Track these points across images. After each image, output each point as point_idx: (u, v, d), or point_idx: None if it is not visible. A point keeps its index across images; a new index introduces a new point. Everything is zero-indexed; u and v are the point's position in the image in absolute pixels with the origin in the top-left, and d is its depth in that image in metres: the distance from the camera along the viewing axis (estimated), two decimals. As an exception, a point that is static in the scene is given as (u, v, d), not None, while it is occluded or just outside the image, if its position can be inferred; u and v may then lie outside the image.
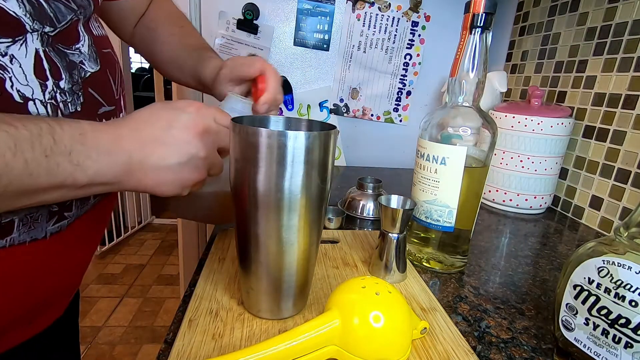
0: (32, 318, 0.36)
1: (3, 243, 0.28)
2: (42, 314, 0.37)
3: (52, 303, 0.38)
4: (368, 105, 1.03)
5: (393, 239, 0.42)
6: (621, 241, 0.28)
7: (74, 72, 0.31)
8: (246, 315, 0.35)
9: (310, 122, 0.36)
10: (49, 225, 0.31)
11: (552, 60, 0.79)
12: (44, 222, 0.30)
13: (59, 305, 0.40)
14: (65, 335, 0.47)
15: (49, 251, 0.32)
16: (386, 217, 0.42)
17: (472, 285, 0.45)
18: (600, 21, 0.67)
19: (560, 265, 0.52)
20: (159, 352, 0.31)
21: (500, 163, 0.73)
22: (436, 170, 0.44)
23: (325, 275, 0.43)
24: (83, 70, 0.32)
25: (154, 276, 1.98)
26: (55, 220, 0.31)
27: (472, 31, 0.41)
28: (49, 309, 0.38)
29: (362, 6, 0.94)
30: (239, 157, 0.30)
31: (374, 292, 0.30)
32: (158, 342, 1.52)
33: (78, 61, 0.32)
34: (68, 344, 0.48)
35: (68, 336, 0.48)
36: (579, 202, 0.71)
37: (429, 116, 0.46)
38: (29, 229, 0.29)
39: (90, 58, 0.34)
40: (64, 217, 0.32)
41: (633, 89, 0.61)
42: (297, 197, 0.30)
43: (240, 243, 0.33)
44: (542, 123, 0.67)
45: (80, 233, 0.35)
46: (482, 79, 0.42)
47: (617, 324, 0.27)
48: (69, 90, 0.31)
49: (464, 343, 0.33)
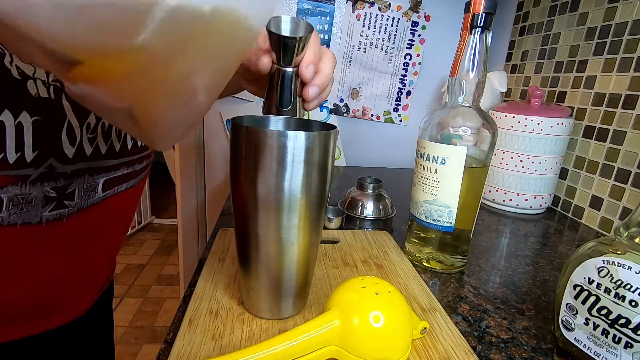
0: (47, 309, 0.35)
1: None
2: (57, 306, 0.36)
3: (66, 297, 0.37)
4: (368, 105, 1.03)
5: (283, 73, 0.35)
6: (621, 241, 0.28)
7: None
8: (246, 315, 0.35)
9: (310, 122, 0.36)
10: (44, 211, 0.30)
11: (552, 60, 0.79)
12: (39, 206, 0.30)
13: (76, 300, 0.39)
14: (95, 332, 0.47)
15: (46, 238, 0.31)
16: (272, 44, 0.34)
17: (472, 285, 0.45)
18: (600, 21, 0.67)
19: (560, 265, 0.52)
20: (159, 352, 0.31)
21: (500, 163, 0.73)
22: (436, 170, 0.44)
23: (325, 275, 0.43)
24: None
25: (154, 276, 1.98)
26: (52, 206, 0.30)
27: (472, 31, 0.41)
28: (66, 303, 0.37)
29: (362, 6, 0.94)
30: (239, 157, 0.30)
31: (374, 292, 0.30)
32: (158, 342, 1.52)
33: None
34: (99, 341, 0.48)
35: (98, 333, 0.48)
36: (579, 202, 0.71)
37: (429, 116, 0.46)
38: (20, 210, 0.28)
39: None
40: (64, 205, 0.31)
41: (633, 89, 0.61)
42: (297, 197, 0.30)
43: (240, 243, 0.33)
44: (542, 123, 0.67)
45: (87, 227, 0.34)
46: (482, 79, 0.42)
47: (617, 324, 0.27)
48: None
49: (464, 343, 0.33)
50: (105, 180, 0.35)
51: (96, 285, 0.42)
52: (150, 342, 1.52)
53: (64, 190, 0.31)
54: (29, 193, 0.28)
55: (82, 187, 0.32)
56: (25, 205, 0.29)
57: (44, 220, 0.30)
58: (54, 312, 0.37)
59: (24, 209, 0.29)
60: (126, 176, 0.37)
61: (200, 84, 0.22)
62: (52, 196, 0.30)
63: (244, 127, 0.29)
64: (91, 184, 0.33)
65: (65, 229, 0.32)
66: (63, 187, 0.30)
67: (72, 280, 0.36)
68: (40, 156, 0.28)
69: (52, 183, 0.30)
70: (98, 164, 0.33)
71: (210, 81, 0.23)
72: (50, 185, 0.30)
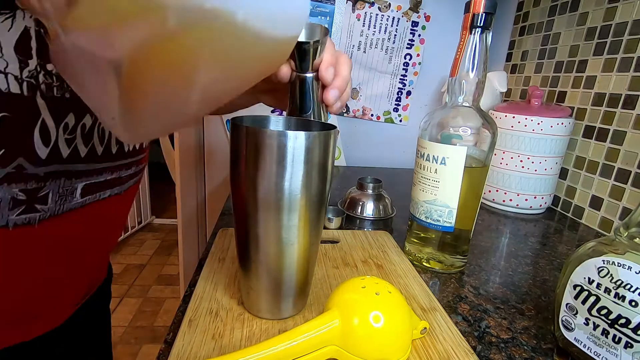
0: (21, 318, 0.33)
1: None
2: (33, 316, 0.34)
3: (41, 307, 0.35)
4: (368, 105, 1.03)
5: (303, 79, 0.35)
6: (621, 241, 0.28)
7: None
8: (246, 315, 0.35)
9: (310, 122, 0.36)
10: (12, 214, 0.28)
11: (552, 60, 0.79)
12: (6, 209, 0.27)
13: (54, 310, 0.37)
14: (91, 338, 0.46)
15: (15, 243, 0.29)
16: None
17: (472, 285, 0.45)
18: (600, 21, 0.67)
19: (560, 265, 0.52)
20: (159, 352, 0.31)
21: (500, 163, 0.73)
22: (436, 170, 0.44)
23: (325, 275, 0.43)
24: None
25: (154, 276, 1.98)
26: (21, 210, 0.28)
27: (472, 31, 0.41)
28: (42, 312, 0.35)
29: (362, 6, 0.94)
30: (239, 157, 0.30)
31: (374, 292, 0.30)
32: (158, 342, 1.52)
33: None
34: (92, 348, 0.47)
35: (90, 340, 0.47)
36: (579, 202, 0.71)
37: (429, 116, 0.46)
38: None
39: None
40: (35, 210, 0.29)
41: (633, 89, 0.61)
42: (297, 197, 0.30)
43: (240, 243, 0.33)
44: (542, 123, 0.67)
45: (65, 233, 0.32)
46: (482, 79, 0.42)
47: (617, 324, 0.27)
48: (58, 75, 0.28)
49: (464, 343, 0.33)
50: (85, 185, 0.32)
51: (76, 294, 0.39)
52: (150, 342, 1.52)
53: (36, 194, 0.29)
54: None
55: (56, 191, 0.30)
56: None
57: (10, 224, 0.28)
58: (29, 322, 0.35)
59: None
60: (110, 182, 0.35)
61: (202, 79, 0.21)
62: (21, 199, 0.28)
63: (244, 127, 0.29)
64: (68, 189, 0.31)
65: (38, 234, 0.30)
66: (34, 190, 0.28)
67: (48, 289, 0.34)
68: (8, 155, 0.26)
69: (22, 185, 0.28)
70: (76, 167, 0.31)
71: (212, 84, 0.22)
72: (19, 187, 0.28)
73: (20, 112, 0.26)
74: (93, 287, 0.44)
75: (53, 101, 0.28)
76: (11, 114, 0.26)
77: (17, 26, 0.25)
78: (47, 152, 0.28)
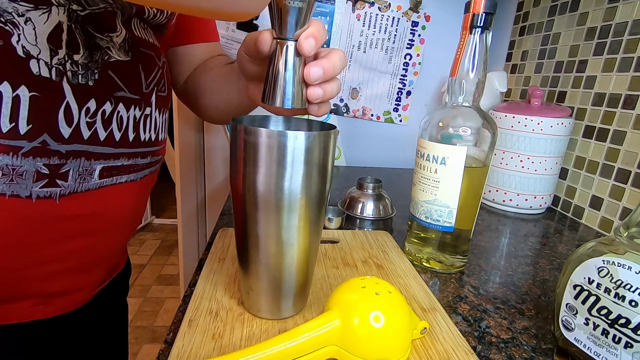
0: (40, 293, 0.36)
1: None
2: (55, 292, 0.37)
3: (63, 284, 0.37)
4: (368, 105, 1.03)
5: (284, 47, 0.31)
6: (621, 241, 0.28)
7: (95, 53, 0.32)
8: (246, 315, 0.35)
9: (310, 122, 0.36)
10: (35, 187, 0.30)
11: (552, 60, 0.79)
12: (30, 180, 0.30)
13: (77, 288, 0.39)
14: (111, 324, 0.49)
15: (36, 216, 0.31)
16: None
17: (472, 285, 0.45)
18: (600, 21, 0.67)
19: (560, 265, 0.52)
20: (159, 352, 0.31)
21: (500, 163, 0.73)
22: (436, 170, 0.44)
23: (325, 275, 0.43)
24: (107, 55, 0.33)
25: (154, 276, 1.99)
26: (44, 183, 0.31)
27: (472, 31, 0.41)
28: (64, 290, 0.38)
29: (362, 6, 0.94)
30: (239, 157, 0.30)
31: (374, 292, 0.30)
32: (158, 342, 1.52)
33: (105, 46, 0.33)
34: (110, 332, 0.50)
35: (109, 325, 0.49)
36: (579, 202, 0.71)
37: (429, 116, 0.46)
38: (10, 181, 0.29)
39: (120, 48, 0.34)
40: (56, 184, 0.31)
41: (633, 89, 0.61)
42: (297, 197, 0.30)
43: (240, 243, 0.33)
44: (542, 123, 0.67)
45: (83, 213, 0.34)
46: (482, 79, 0.42)
47: (617, 324, 0.27)
48: (83, 65, 0.31)
49: (464, 343, 0.33)
50: (103, 167, 0.34)
51: (97, 276, 0.42)
52: (150, 342, 1.52)
53: (58, 169, 0.31)
54: (20, 165, 0.29)
55: (77, 170, 0.32)
56: (16, 177, 0.29)
57: (34, 195, 0.30)
58: (53, 298, 0.37)
59: (13, 180, 0.29)
60: (127, 168, 0.37)
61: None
62: (45, 173, 0.30)
63: (243, 127, 0.29)
64: (87, 168, 0.33)
65: (58, 210, 0.32)
66: (57, 165, 0.31)
67: (67, 267, 0.36)
68: (35, 131, 0.29)
69: (45, 159, 0.30)
70: (95, 149, 0.33)
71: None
72: (43, 161, 0.30)
73: (48, 94, 0.30)
74: (113, 272, 0.47)
75: (77, 87, 0.31)
76: (40, 94, 0.29)
77: (51, 20, 0.29)
78: (70, 132, 0.31)
